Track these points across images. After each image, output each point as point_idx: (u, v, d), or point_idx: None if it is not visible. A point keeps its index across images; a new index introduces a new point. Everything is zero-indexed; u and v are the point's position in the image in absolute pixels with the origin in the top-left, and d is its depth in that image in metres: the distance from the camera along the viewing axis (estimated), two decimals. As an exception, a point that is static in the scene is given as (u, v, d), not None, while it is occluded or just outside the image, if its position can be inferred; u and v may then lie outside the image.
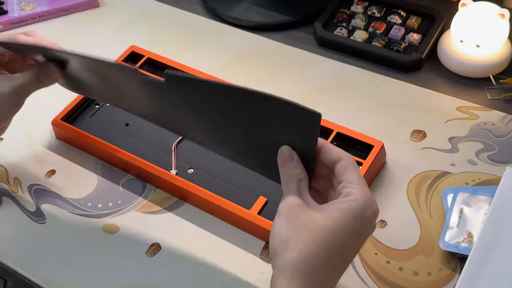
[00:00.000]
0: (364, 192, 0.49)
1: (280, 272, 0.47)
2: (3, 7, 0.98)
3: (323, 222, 0.47)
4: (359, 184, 0.50)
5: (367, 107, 0.79)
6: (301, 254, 0.46)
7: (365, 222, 0.49)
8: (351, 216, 0.48)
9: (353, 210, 0.48)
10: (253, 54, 0.88)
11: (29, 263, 0.66)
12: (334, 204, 0.49)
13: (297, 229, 0.47)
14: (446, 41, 0.83)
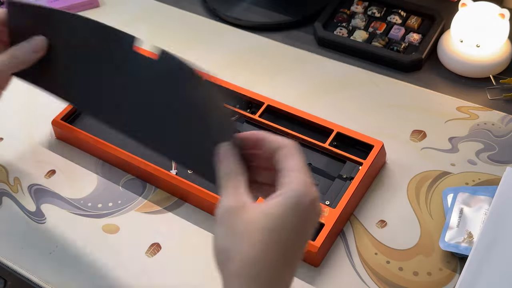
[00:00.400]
0: (300, 179, 0.45)
1: (227, 284, 0.45)
2: (3, 7, 0.98)
3: (260, 223, 0.44)
4: (295, 171, 0.46)
5: (367, 107, 0.79)
6: (243, 263, 0.44)
7: (304, 211, 0.45)
8: (288, 209, 0.44)
9: (290, 202, 0.44)
10: (253, 54, 0.88)
11: (29, 263, 0.66)
12: (271, 199, 0.45)
13: (235, 237, 0.45)
14: (446, 41, 0.83)
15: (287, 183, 0.45)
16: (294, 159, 0.47)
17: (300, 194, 0.45)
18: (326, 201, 0.66)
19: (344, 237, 0.65)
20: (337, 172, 0.69)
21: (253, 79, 0.84)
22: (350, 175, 0.69)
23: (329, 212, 0.63)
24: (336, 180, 0.69)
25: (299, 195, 0.44)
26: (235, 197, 0.46)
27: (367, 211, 0.67)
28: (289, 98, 0.78)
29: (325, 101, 0.80)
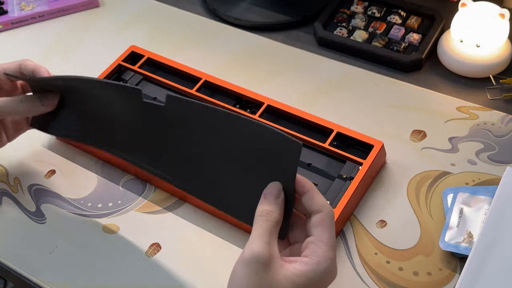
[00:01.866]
0: (330, 256, 0.49)
1: None
2: (3, 7, 0.98)
3: (282, 286, 0.47)
4: (327, 246, 0.49)
5: (367, 107, 0.79)
6: None
7: (321, 286, 0.49)
8: (310, 281, 0.48)
9: (314, 276, 0.48)
10: (253, 54, 0.88)
11: (29, 263, 0.66)
12: (297, 265, 0.48)
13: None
14: (446, 41, 0.83)
15: (317, 254, 0.49)
16: (329, 231, 0.50)
17: (325, 272, 0.49)
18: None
19: (344, 237, 0.65)
20: (337, 172, 0.69)
21: (253, 79, 0.84)
22: (350, 175, 0.69)
23: (329, 212, 0.63)
24: (336, 180, 0.69)
25: (324, 272, 0.48)
26: (267, 246, 0.48)
27: (367, 211, 0.67)
28: (289, 98, 0.78)
29: (325, 101, 0.80)
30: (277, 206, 0.50)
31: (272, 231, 0.49)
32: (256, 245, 0.48)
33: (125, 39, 0.91)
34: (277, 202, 0.50)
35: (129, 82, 0.82)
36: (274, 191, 0.51)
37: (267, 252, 0.47)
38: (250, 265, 0.47)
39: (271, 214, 0.50)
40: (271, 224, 0.49)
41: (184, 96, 0.70)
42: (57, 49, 0.92)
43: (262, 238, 0.48)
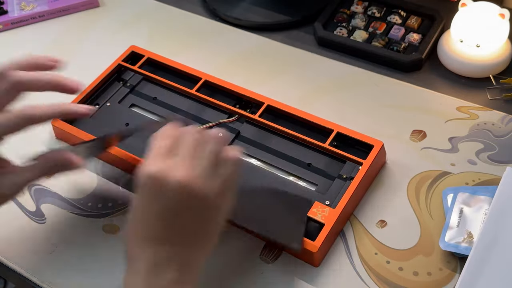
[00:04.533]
0: (148, 158, 0.52)
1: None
2: (3, 7, 0.98)
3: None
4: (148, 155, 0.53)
5: (367, 107, 0.79)
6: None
7: (144, 188, 0.52)
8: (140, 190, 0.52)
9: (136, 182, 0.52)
10: (253, 54, 0.88)
11: (29, 263, 0.66)
12: None
13: None
14: (446, 41, 0.83)
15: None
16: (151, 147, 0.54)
17: (142, 176, 0.51)
18: (326, 201, 0.66)
19: (344, 237, 0.65)
20: (337, 172, 0.69)
21: (253, 79, 0.84)
22: (350, 175, 0.69)
23: (329, 212, 0.63)
24: (336, 180, 0.69)
25: (141, 177, 0.52)
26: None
27: (367, 211, 0.67)
28: (289, 98, 0.78)
29: (325, 101, 0.80)
30: None
31: None
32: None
33: (125, 39, 0.91)
34: None
35: (129, 82, 0.82)
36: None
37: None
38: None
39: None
40: None
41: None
42: (57, 49, 0.92)
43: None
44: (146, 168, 0.51)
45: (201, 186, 0.51)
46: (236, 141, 0.74)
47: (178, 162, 0.51)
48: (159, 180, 0.50)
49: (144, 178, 0.51)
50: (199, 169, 0.51)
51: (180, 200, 0.50)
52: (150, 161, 0.51)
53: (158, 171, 0.50)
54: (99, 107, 0.79)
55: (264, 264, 0.64)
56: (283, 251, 0.65)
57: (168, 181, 0.50)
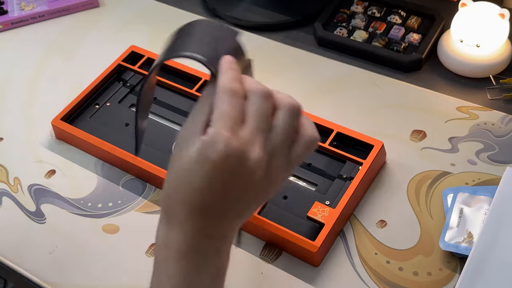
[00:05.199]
0: (211, 128, 0.44)
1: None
2: (3, 7, 0.98)
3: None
4: (215, 121, 0.44)
5: (367, 107, 0.79)
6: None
7: (215, 164, 0.44)
8: (197, 159, 0.44)
9: (198, 152, 0.44)
10: (253, 54, 0.88)
11: (29, 263, 0.66)
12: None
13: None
14: (446, 41, 0.83)
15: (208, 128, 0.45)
16: (218, 105, 0.45)
17: (207, 145, 0.43)
18: (326, 201, 0.66)
19: (344, 237, 0.65)
20: (337, 172, 0.69)
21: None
22: (350, 175, 0.69)
23: (329, 212, 0.63)
24: (336, 180, 0.69)
25: (206, 146, 0.44)
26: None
27: (367, 211, 0.67)
28: (289, 98, 0.78)
29: (325, 101, 0.80)
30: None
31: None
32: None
33: (125, 39, 0.91)
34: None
35: (129, 82, 0.82)
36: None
37: (183, 132, 0.47)
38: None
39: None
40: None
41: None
42: (57, 49, 0.92)
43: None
44: (222, 143, 0.43)
45: (273, 167, 0.46)
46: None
47: (252, 137, 0.44)
48: (236, 162, 0.44)
49: (219, 155, 0.43)
50: (275, 147, 0.45)
51: (248, 180, 0.45)
52: (225, 133, 0.43)
53: (236, 151, 0.43)
54: (98, 107, 0.79)
55: (264, 264, 0.64)
56: (283, 251, 0.65)
57: (243, 164, 0.44)
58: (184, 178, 0.45)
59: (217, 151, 0.43)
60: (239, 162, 0.44)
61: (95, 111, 0.79)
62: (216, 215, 0.46)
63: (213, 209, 0.46)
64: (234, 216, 0.47)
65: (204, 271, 0.47)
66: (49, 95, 0.85)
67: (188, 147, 0.45)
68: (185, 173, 0.45)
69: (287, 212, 0.66)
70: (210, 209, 0.46)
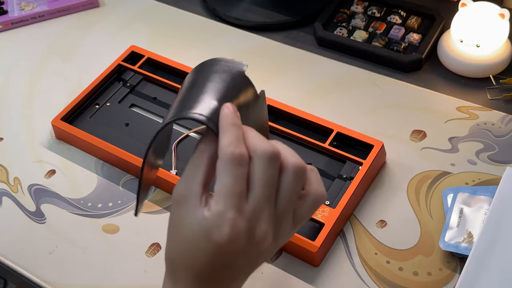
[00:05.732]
0: (216, 207, 0.42)
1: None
2: (3, 7, 0.98)
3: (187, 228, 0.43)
4: (219, 196, 0.42)
5: (367, 107, 0.78)
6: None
7: (220, 246, 0.42)
8: (200, 237, 0.42)
9: (201, 231, 0.42)
10: (253, 54, 0.88)
11: (29, 263, 0.66)
12: (199, 210, 0.43)
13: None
14: (446, 41, 0.83)
15: (210, 205, 0.43)
16: (225, 175, 0.42)
17: (212, 226, 0.42)
18: (326, 201, 0.66)
19: (344, 237, 0.65)
20: (337, 172, 0.69)
21: (253, 79, 0.83)
22: (350, 175, 0.69)
23: (329, 212, 0.63)
24: (336, 180, 0.69)
25: (211, 226, 0.42)
26: (183, 184, 0.44)
27: (367, 211, 0.67)
28: (289, 98, 0.78)
29: (325, 101, 0.80)
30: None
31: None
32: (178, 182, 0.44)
33: (125, 39, 0.91)
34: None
35: (129, 82, 0.82)
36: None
37: (180, 189, 0.44)
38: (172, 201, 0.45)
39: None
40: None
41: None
42: (57, 49, 0.92)
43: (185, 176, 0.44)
44: (227, 227, 0.41)
45: (281, 236, 0.44)
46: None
47: (258, 210, 0.42)
48: (241, 243, 0.42)
49: (224, 239, 0.42)
50: (281, 215, 0.43)
51: (253, 254, 0.44)
52: (231, 214, 0.41)
53: (241, 234, 0.42)
54: (98, 107, 0.79)
55: (264, 264, 0.64)
56: (283, 251, 0.65)
57: (249, 242, 0.42)
58: (187, 250, 0.44)
59: (222, 234, 0.41)
60: (246, 241, 0.42)
61: (95, 111, 0.79)
62: (222, 281, 0.45)
63: (220, 279, 0.45)
64: (241, 279, 0.47)
65: None
66: (49, 95, 0.85)
67: (188, 211, 0.43)
68: (188, 246, 0.44)
69: (287, 212, 0.66)
70: (217, 279, 0.45)
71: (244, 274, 0.46)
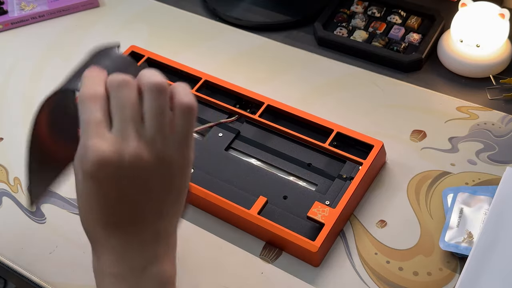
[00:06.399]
0: (82, 141, 0.43)
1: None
2: (3, 7, 0.98)
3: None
4: (82, 132, 0.43)
5: (367, 107, 0.79)
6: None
7: (96, 178, 0.42)
8: (80, 180, 0.44)
9: (77, 173, 0.44)
10: (253, 54, 0.88)
11: (29, 263, 0.66)
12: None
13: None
14: (446, 41, 0.83)
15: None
16: (80, 117, 0.44)
17: (79, 161, 0.43)
18: (326, 201, 0.66)
19: (344, 237, 0.65)
20: (337, 172, 0.69)
21: (253, 79, 0.84)
22: (350, 175, 0.69)
23: (329, 212, 0.63)
24: (336, 180, 0.69)
25: (79, 163, 0.43)
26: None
27: (367, 211, 0.67)
28: (289, 98, 0.78)
29: (325, 101, 0.80)
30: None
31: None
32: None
33: (125, 39, 0.91)
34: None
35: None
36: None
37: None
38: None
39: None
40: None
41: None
42: (57, 49, 0.92)
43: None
44: (90, 153, 0.42)
45: (158, 153, 0.43)
46: (236, 141, 0.74)
47: (122, 132, 0.43)
48: (112, 163, 0.42)
49: (93, 165, 0.42)
50: (153, 132, 0.43)
51: (139, 176, 0.43)
52: (91, 141, 0.42)
53: (107, 154, 0.42)
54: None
55: (264, 264, 0.64)
56: (283, 251, 0.65)
57: (121, 162, 0.42)
58: (83, 201, 0.44)
59: (89, 161, 0.42)
60: (119, 162, 0.42)
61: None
62: (135, 222, 0.44)
63: (129, 218, 0.44)
64: (157, 217, 0.45)
65: (149, 285, 0.45)
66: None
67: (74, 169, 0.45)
68: (82, 196, 0.44)
69: (287, 212, 0.66)
70: (126, 219, 0.44)
71: (157, 206, 0.45)
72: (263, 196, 0.67)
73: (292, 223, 0.65)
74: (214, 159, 0.72)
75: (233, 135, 0.74)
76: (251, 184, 0.69)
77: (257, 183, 0.69)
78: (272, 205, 0.67)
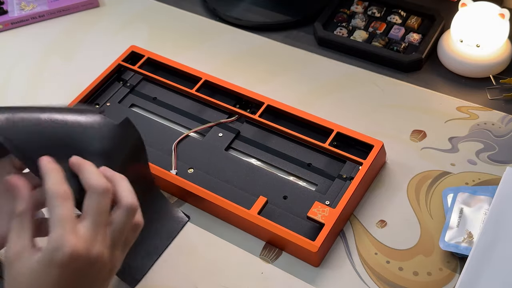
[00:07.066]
0: (52, 234, 0.47)
1: None
2: (3, 7, 0.98)
3: (26, 282, 0.47)
4: (53, 226, 0.47)
5: (367, 107, 0.79)
6: None
7: (63, 268, 0.47)
8: (43, 266, 0.47)
9: (43, 259, 0.47)
10: (253, 54, 0.88)
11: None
12: (38, 252, 0.47)
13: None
14: (446, 41, 0.83)
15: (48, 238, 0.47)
16: (54, 205, 0.48)
17: (52, 252, 0.46)
18: (326, 201, 0.66)
19: (344, 237, 0.65)
20: (337, 172, 0.69)
21: (253, 79, 0.84)
22: (350, 175, 0.69)
23: (329, 212, 0.63)
24: (336, 180, 0.69)
25: (50, 253, 0.46)
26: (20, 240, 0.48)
27: (367, 211, 0.67)
28: (289, 98, 0.78)
29: (325, 101, 0.80)
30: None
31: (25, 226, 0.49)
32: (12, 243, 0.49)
33: (125, 39, 0.91)
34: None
35: (129, 82, 0.82)
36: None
37: (11, 250, 0.48)
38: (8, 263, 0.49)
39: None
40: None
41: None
42: (57, 49, 0.92)
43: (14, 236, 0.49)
44: (67, 247, 0.46)
45: (116, 257, 0.51)
46: (236, 141, 0.74)
47: (93, 234, 0.48)
48: (82, 259, 0.47)
49: (67, 257, 0.46)
50: (114, 240, 0.50)
51: (93, 275, 0.49)
52: (67, 236, 0.46)
53: (81, 250, 0.47)
54: (99, 107, 0.79)
55: (264, 264, 0.64)
56: (283, 251, 0.65)
57: (89, 259, 0.48)
58: (38, 286, 0.47)
59: (63, 254, 0.46)
60: (86, 260, 0.47)
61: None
62: None
63: None
64: None
65: None
66: (49, 95, 0.85)
67: (25, 262, 0.47)
68: (37, 281, 0.47)
69: (287, 212, 0.66)
70: None
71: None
72: (263, 196, 0.67)
73: (292, 223, 0.65)
74: (214, 159, 0.72)
75: (233, 135, 0.74)
76: (251, 184, 0.69)
77: (257, 183, 0.69)
78: (272, 205, 0.67)
